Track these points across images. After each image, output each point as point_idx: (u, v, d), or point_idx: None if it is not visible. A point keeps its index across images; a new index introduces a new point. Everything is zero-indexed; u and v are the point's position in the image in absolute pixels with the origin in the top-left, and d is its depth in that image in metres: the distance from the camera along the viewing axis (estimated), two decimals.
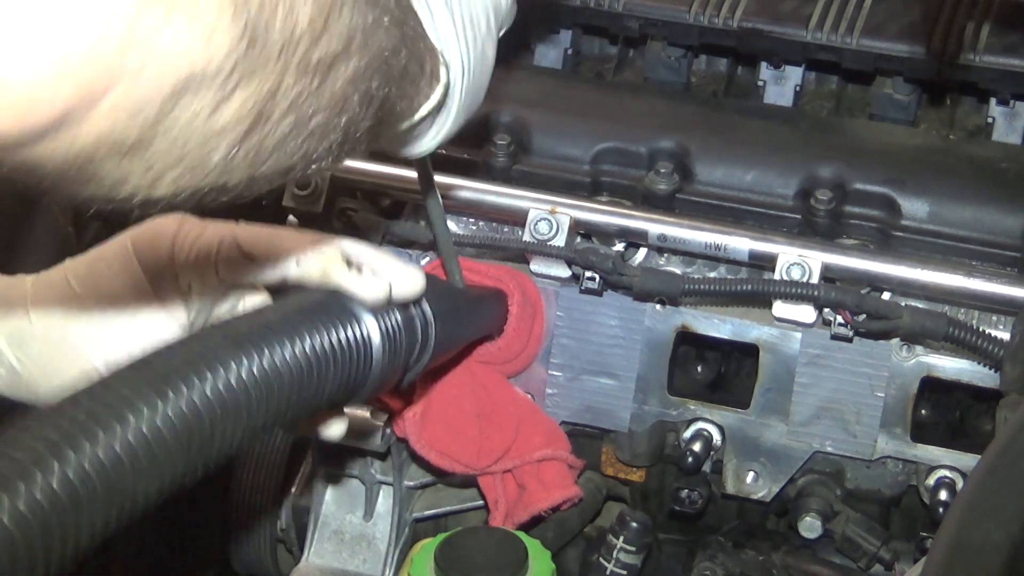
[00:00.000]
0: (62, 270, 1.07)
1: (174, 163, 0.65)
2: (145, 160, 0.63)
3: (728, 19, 1.54)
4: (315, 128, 0.72)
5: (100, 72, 0.57)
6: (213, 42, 0.60)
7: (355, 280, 0.99)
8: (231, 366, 0.82)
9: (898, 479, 1.41)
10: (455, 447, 1.39)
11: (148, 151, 0.63)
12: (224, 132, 0.65)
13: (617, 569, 1.41)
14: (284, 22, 0.65)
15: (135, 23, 0.57)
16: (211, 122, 0.64)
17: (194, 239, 1.05)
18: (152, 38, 0.58)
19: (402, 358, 1.04)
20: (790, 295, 1.34)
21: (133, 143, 0.61)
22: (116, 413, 0.75)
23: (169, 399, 0.78)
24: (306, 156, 0.73)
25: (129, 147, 0.62)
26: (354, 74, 0.72)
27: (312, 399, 0.91)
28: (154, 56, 0.58)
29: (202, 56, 0.60)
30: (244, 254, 1.04)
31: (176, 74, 0.60)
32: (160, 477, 0.76)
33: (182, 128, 0.63)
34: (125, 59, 0.57)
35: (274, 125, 0.68)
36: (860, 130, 1.53)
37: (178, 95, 0.61)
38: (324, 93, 0.70)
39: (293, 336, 0.89)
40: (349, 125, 0.75)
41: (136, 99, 0.59)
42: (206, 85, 0.62)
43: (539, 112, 1.50)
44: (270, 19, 0.63)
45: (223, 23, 0.60)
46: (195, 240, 1.05)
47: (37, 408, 0.77)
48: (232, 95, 0.64)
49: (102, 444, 0.73)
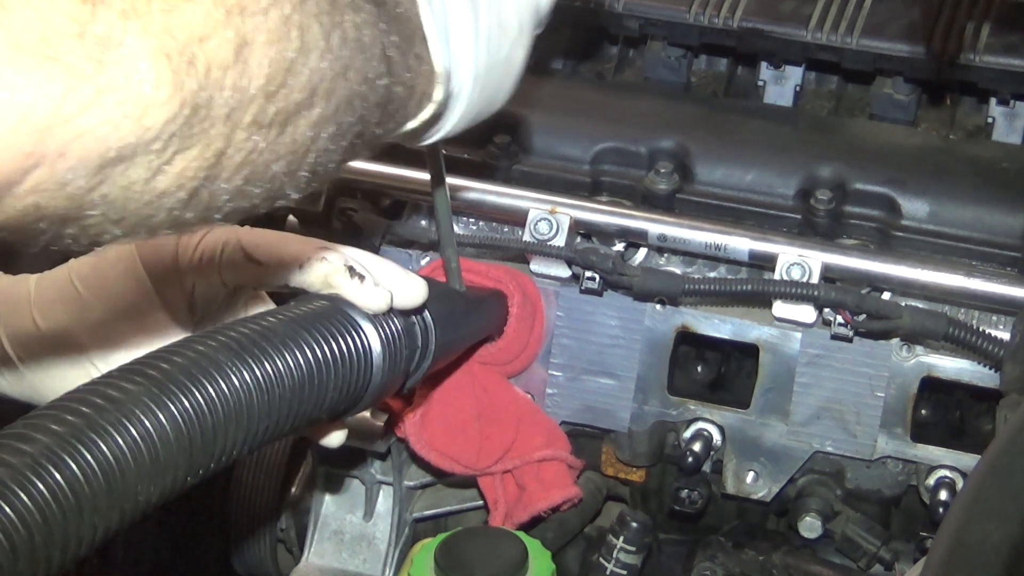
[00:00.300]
0: (66, 270, 1.07)
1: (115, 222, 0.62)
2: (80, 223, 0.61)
3: (728, 19, 1.54)
4: (276, 173, 0.68)
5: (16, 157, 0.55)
6: (146, 117, 0.58)
7: (357, 288, 0.99)
8: (233, 371, 0.82)
9: (898, 479, 1.41)
10: (455, 447, 1.39)
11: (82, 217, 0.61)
12: (166, 195, 0.62)
13: (617, 569, 1.41)
14: (234, 88, 0.61)
15: (59, 107, 0.55)
16: (150, 188, 0.61)
17: (198, 241, 1.06)
18: (76, 119, 0.56)
19: (402, 366, 1.04)
20: (790, 295, 1.34)
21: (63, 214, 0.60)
22: (120, 414, 0.75)
23: (171, 402, 0.78)
24: (270, 196, 0.70)
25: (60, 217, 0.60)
26: (319, 118, 0.68)
27: (313, 408, 0.91)
28: (79, 136, 0.56)
29: (132, 132, 0.58)
30: (248, 258, 1.04)
31: (103, 151, 0.57)
32: (161, 479, 0.76)
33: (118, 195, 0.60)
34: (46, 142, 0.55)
35: (225, 181, 0.65)
36: (860, 130, 1.53)
37: (107, 169, 0.59)
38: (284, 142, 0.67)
39: (294, 343, 0.89)
40: (318, 162, 0.72)
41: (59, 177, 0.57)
42: (140, 155, 0.59)
43: (539, 112, 1.50)
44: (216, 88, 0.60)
45: (159, 99, 0.58)
46: (200, 243, 1.05)
47: (41, 406, 0.77)
48: (172, 161, 0.61)
49: (106, 444, 0.73)
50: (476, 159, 1.47)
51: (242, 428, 0.82)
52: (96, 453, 0.73)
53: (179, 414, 0.78)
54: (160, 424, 0.76)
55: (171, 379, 0.79)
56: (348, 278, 0.99)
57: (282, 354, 0.87)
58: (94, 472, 0.72)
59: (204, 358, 0.82)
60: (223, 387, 0.81)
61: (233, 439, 0.81)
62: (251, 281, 1.06)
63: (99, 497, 0.72)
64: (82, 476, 0.72)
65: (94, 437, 0.73)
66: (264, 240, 1.05)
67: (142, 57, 0.57)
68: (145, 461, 0.75)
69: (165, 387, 0.78)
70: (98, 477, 0.72)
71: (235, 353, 0.84)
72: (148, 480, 0.75)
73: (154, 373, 0.79)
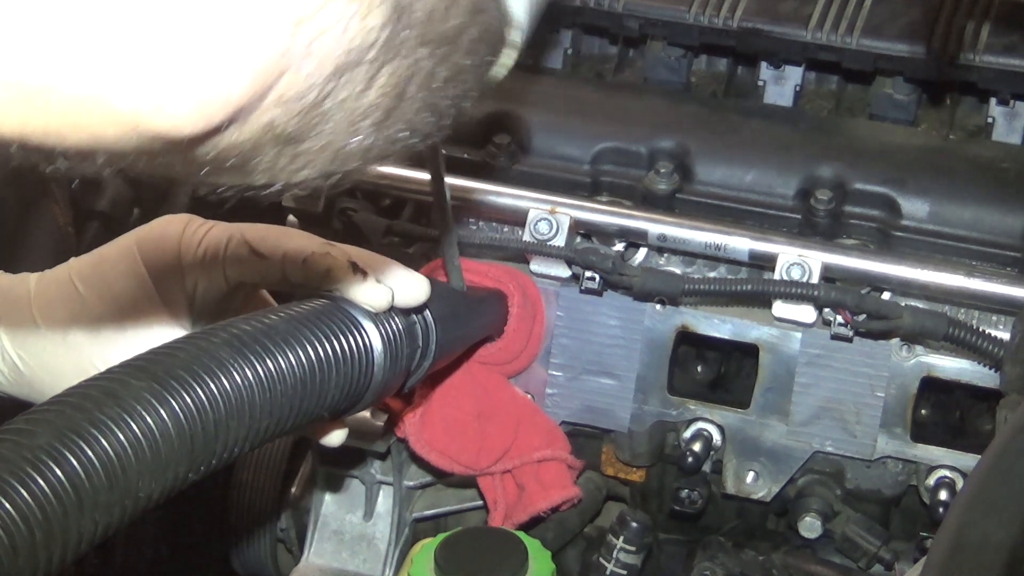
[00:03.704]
0: (66, 269, 1.07)
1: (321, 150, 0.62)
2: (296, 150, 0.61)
3: (728, 19, 1.54)
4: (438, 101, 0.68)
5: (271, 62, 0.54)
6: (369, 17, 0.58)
7: (360, 285, 0.99)
8: (235, 367, 0.82)
9: (898, 479, 1.41)
10: (455, 447, 1.39)
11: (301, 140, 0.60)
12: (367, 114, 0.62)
13: (617, 569, 1.41)
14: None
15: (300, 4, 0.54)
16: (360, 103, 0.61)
17: (202, 237, 1.06)
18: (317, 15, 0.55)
19: (403, 365, 1.04)
20: (790, 295, 1.34)
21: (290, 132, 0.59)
22: (121, 410, 0.75)
23: (173, 398, 0.78)
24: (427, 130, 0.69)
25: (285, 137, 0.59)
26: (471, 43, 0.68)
27: (314, 405, 0.91)
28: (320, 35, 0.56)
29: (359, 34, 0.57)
30: (253, 252, 1.04)
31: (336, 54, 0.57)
32: (163, 476, 0.76)
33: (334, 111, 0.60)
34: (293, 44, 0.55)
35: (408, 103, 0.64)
36: (860, 130, 1.53)
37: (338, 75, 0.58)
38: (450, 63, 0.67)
39: (296, 341, 0.89)
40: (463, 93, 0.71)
41: (300, 85, 0.57)
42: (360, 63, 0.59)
43: (539, 112, 1.50)
44: None
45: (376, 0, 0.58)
46: (203, 238, 1.06)
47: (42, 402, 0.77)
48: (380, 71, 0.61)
49: (107, 440, 0.73)
50: (476, 159, 1.47)
51: (243, 425, 0.82)
52: (97, 449, 0.73)
53: (181, 410, 0.78)
54: (161, 420, 0.76)
55: (173, 375, 0.79)
56: (351, 273, 0.99)
57: (283, 351, 0.87)
58: (95, 468, 0.72)
59: (206, 354, 0.82)
60: (225, 384, 0.81)
61: (234, 436, 0.81)
62: (253, 277, 1.06)
63: (100, 493, 0.72)
64: (83, 472, 0.72)
65: (95, 433, 0.73)
66: (268, 234, 1.05)
67: None
68: (146, 457, 0.75)
69: (167, 383, 0.78)
70: (99, 473, 0.72)
71: (236, 350, 0.84)
72: (149, 476, 0.75)
73: (156, 369, 0.79)
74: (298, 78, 0.56)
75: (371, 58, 0.59)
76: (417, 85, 0.64)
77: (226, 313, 1.08)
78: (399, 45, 0.61)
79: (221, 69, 0.52)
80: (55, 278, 1.07)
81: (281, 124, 0.58)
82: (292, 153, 0.61)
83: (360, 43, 0.58)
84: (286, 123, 0.58)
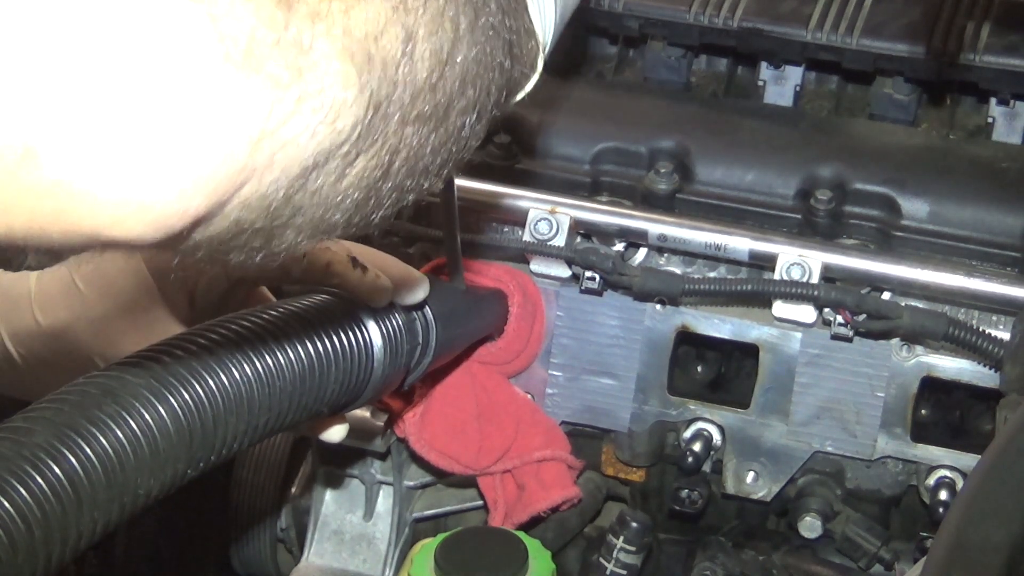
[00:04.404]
0: (66, 268, 1.07)
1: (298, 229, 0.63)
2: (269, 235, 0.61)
3: (728, 19, 1.54)
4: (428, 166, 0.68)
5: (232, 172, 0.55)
6: (339, 120, 0.58)
7: (360, 280, 0.99)
8: (233, 363, 0.82)
9: (898, 479, 1.41)
10: (455, 447, 1.39)
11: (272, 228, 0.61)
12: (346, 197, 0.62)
13: (617, 569, 1.41)
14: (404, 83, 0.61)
15: (267, 119, 0.54)
16: (334, 191, 0.61)
17: None
18: (281, 129, 0.55)
19: (403, 361, 1.04)
20: (790, 295, 1.34)
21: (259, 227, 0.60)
22: (119, 407, 0.75)
23: (171, 394, 0.78)
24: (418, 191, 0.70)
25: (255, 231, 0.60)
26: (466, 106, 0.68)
27: (314, 401, 0.91)
28: (283, 147, 0.56)
29: (328, 137, 0.58)
30: None
31: (303, 160, 0.57)
32: (161, 472, 0.76)
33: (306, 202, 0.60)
34: (256, 156, 0.55)
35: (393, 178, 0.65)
36: (860, 130, 1.53)
37: (303, 177, 0.59)
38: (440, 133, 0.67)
39: (295, 336, 0.89)
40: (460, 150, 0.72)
41: (264, 190, 0.57)
42: (331, 160, 0.59)
43: (539, 112, 1.50)
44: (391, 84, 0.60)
45: (348, 101, 0.57)
46: None
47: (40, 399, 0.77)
48: (355, 162, 0.61)
49: (105, 437, 0.73)
50: (476, 159, 1.47)
51: (243, 421, 0.82)
52: (96, 447, 0.72)
53: (179, 407, 0.78)
54: (160, 417, 0.76)
55: (171, 372, 0.79)
56: (351, 268, 0.99)
57: (283, 347, 0.87)
58: (94, 466, 0.72)
59: (204, 351, 0.82)
60: (223, 380, 0.81)
61: (234, 432, 0.81)
62: (253, 272, 1.06)
63: (99, 491, 0.72)
64: (81, 469, 0.72)
65: (93, 431, 0.73)
66: None
67: (332, 60, 0.56)
68: (145, 454, 0.75)
69: (165, 380, 0.78)
70: (98, 471, 0.72)
71: (236, 346, 0.84)
72: (148, 473, 0.75)
73: (154, 366, 0.79)
74: (261, 186, 0.56)
75: (343, 152, 0.59)
76: (403, 160, 0.64)
77: (226, 309, 1.08)
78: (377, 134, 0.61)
79: (177, 185, 0.53)
80: (55, 276, 1.07)
81: (248, 221, 0.58)
82: (267, 238, 0.61)
83: (330, 144, 0.58)
84: (253, 220, 0.58)
